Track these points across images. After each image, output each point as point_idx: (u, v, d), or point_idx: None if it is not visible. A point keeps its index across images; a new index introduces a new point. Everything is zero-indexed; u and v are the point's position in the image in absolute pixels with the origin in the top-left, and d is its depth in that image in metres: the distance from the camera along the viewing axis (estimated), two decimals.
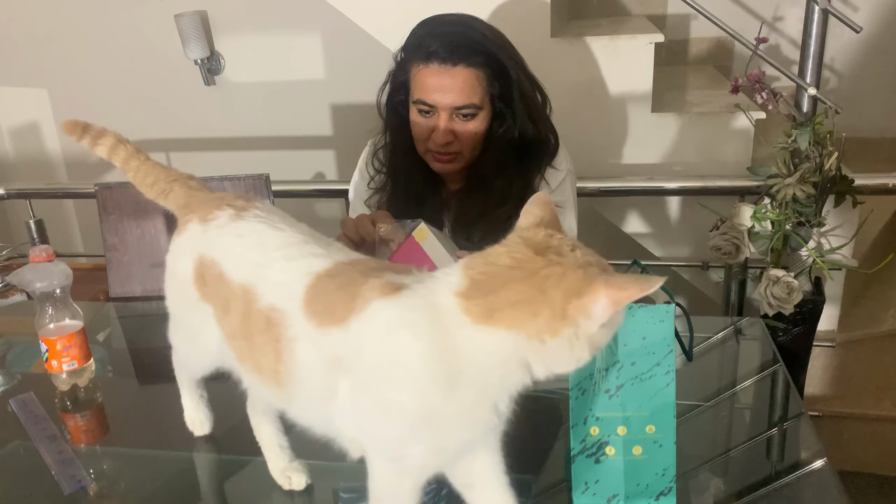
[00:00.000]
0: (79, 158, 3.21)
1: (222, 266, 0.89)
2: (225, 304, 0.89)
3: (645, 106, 1.95)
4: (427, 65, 1.29)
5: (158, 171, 1.09)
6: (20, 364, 1.47)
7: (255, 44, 2.90)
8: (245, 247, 0.89)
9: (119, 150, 1.11)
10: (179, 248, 0.99)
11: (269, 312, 0.82)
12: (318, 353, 0.79)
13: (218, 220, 0.93)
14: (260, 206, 0.95)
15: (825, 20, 1.82)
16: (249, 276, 0.86)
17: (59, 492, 1.03)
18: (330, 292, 0.80)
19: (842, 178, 1.74)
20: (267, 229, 0.90)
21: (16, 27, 3.05)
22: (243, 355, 0.89)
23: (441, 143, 1.31)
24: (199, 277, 0.94)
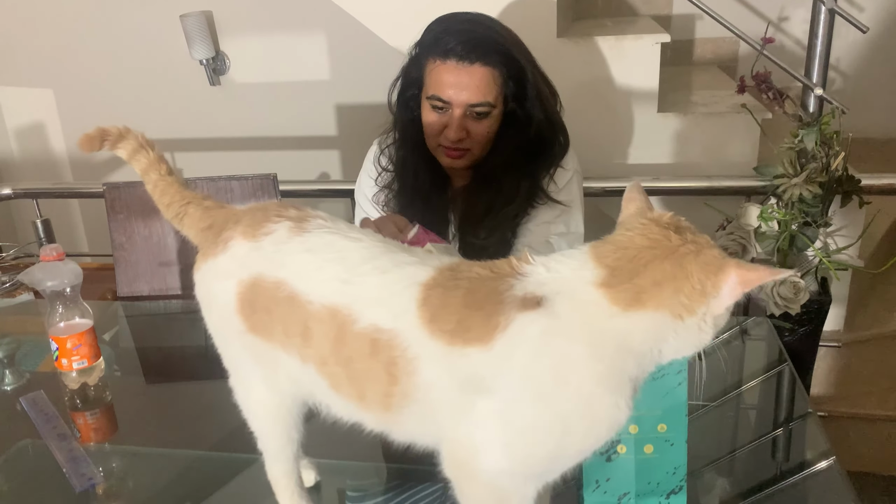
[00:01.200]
0: (84, 158, 3.22)
1: (295, 287, 0.79)
2: (304, 330, 0.79)
3: (651, 106, 1.95)
4: (444, 61, 1.29)
5: (175, 191, 0.99)
6: (28, 363, 1.47)
7: (260, 44, 2.91)
8: (322, 263, 0.79)
9: (140, 157, 1.02)
10: (215, 272, 0.87)
11: (373, 334, 0.74)
12: (448, 373, 0.73)
13: (275, 235, 0.83)
14: (319, 213, 0.86)
15: (832, 20, 1.82)
16: (337, 296, 0.77)
17: (70, 489, 1.04)
18: (456, 309, 0.72)
19: (848, 178, 1.74)
20: (342, 240, 0.81)
21: (21, 28, 3.06)
22: (338, 383, 0.80)
23: (454, 139, 1.31)
24: (245, 304, 0.83)
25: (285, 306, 0.80)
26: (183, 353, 1.56)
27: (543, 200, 1.39)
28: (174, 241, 1.68)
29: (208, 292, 0.89)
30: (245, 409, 0.95)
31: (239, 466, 1.13)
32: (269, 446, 0.96)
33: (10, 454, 1.17)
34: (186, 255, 1.68)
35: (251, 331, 0.84)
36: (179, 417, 1.29)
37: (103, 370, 1.29)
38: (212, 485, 1.10)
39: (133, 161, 1.04)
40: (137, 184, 1.68)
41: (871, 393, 2.06)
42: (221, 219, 0.90)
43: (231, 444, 1.16)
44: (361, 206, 1.50)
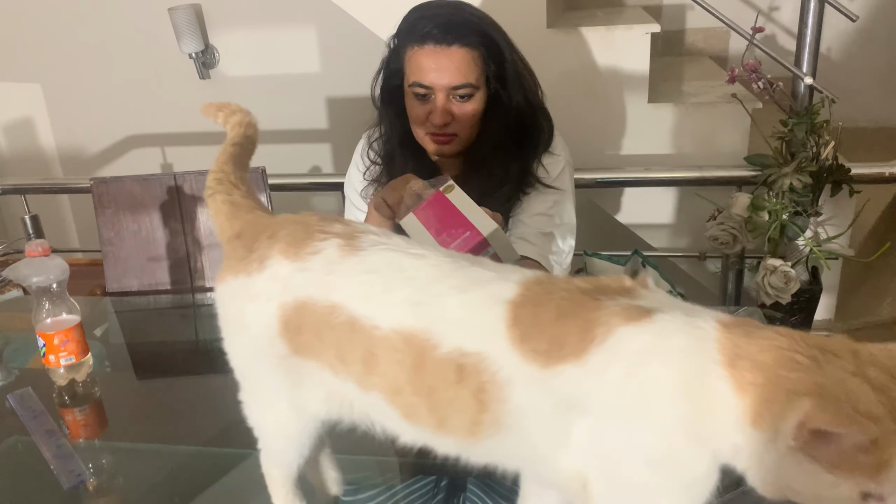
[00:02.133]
0: (73, 154, 3.20)
1: (355, 311, 0.72)
2: (367, 357, 0.72)
3: (641, 96, 1.95)
4: (422, 46, 1.29)
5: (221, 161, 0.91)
6: (17, 360, 1.47)
7: (250, 37, 2.89)
8: (388, 284, 0.72)
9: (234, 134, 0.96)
10: (249, 293, 0.79)
11: (458, 359, 0.67)
12: (543, 396, 0.66)
13: (324, 255, 0.75)
14: (368, 227, 0.79)
15: (821, 9, 1.82)
16: (411, 320, 0.70)
17: (59, 486, 1.03)
18: (548, 325, 0.66)
19: (838, 167, 1.74)
20: (405, 258, 0.74)
21: (9, 22, 3.04)
22: (414, 413, 0.72)
23: (439, 123, 1.31)
24: (289, 327, 0.76)
25: (342, 332, 0.72)
26: (174, 349, 1.55)
27: (535, 186, 1.38)
28: (163, 235, 1.67)
29: (239, 312, 0.81)
30: (258, 425, 0.90)
31: (230, 462, 1.12)
32: (275, 459, 0.91)
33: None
34: (175, 249, 1.67)
35: (295, 353, 0.77)
36: (171, 413, 1.28)
37: (91, 366, 1.28)
38: (203, 481, 1.10)
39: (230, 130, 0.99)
40: (125, 178, 1.69)
41: None
42: (251, 228, 0.82)
43: (222, 440, 1.16)
44: (351, 200, 1.50)
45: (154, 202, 1.65)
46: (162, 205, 1.65)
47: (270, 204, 1.68)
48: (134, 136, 3.13)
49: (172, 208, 1.66)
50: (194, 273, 1.67)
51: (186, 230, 1.66)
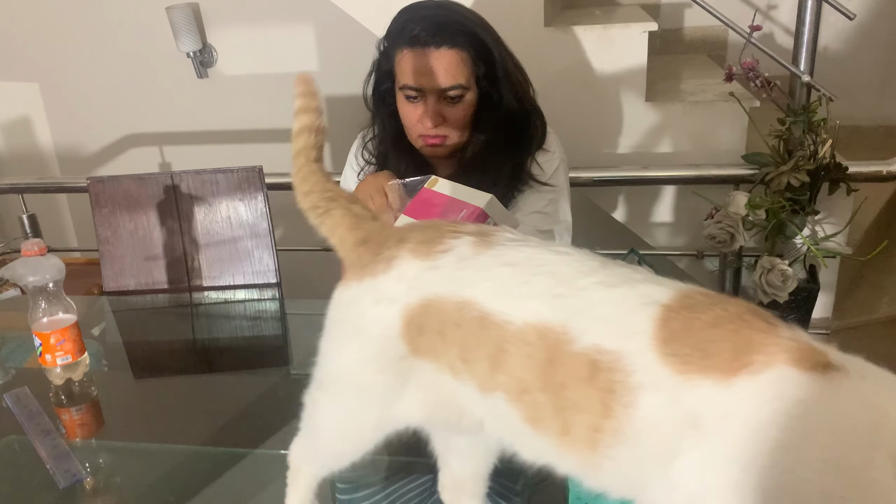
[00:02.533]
0: (71, 153, 3.19)
1: (487, 306, 0.69)
2: (496, 353, 0.69)
3: (639, 95, 1.95)
4: (411, 49, 1.29)
5: (316, 180, 0.89)
6: (14, 359, 1.47)
7: (248, 36, 2.89)
8: (528, 276, 0.69)
9: (300, 139, 0.93)
10: (374, 294, 0.77)
11: (594, 355, 0.63)
12: (671, 406, 0.61)
13: (457, 251, 0.73)
14: (503, 227, 0.79)
15: (819, 7, 1.82)
16: (550, 312, 0.67)
17: (55, 485, 1.03)
18: (700, 331, 0.61)
19: (836, 165, 1.74)
20: (546, 253, 0.71)
21: (6, 21, 3.03)
22: (538, 415, 0.68)
23: (430, 125, 1.31)
24: (412, 327, 0.74)
25: (470, 329, 0.70)
26: (171, 348, 1.55)
27: (530, 184, 1.39)
28: (160, 234, 1.67)
29: (359, 315, 0.78)
30: (325, 426, 0.87)
31: (228, 462, 1.12)
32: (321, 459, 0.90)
33: None
34: (172, 248, 1.67)
35: (414, 353, 0.75)
36: (168, 412, 1.28)
37: (88, 365, 1.28)
38: (200, 480, 1.10)
39: (294, 138, 0.95)
40: (122, 177, 1.69)
41: None
42: (378, 234, 0.81)
43: (219, 440, 1.16)
44: None
45: (151, 201, 1.65)
46: (159, 204, 1.65)
47: (268, 204, 1.67)
48: (132, 135, 3.13)
49: (169, 207, 1.65)
50: (191, 272, 1.67)
51: (184, 229, 1.66)
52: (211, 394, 1.33)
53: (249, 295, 1.66)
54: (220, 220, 1.65)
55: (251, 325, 1.64)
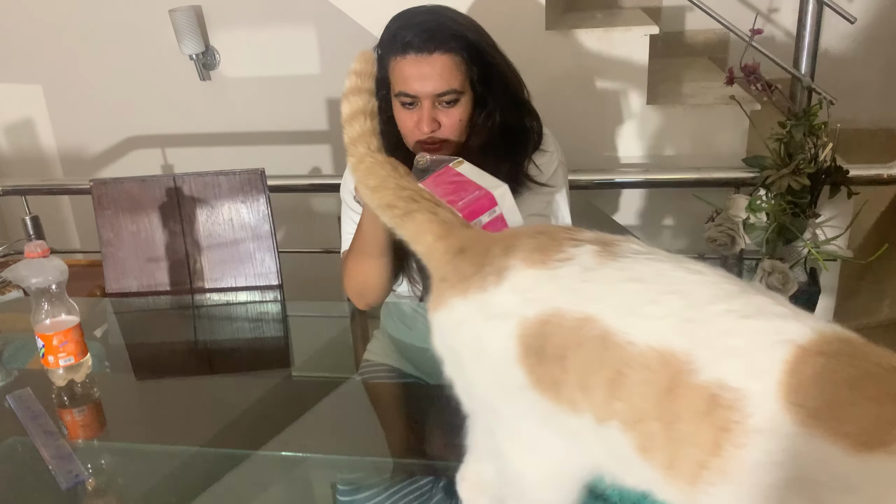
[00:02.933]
0: (74, 154, 3.20)
1: (610, 323, 0.63)
2: (615, 377, 0.63)
3: (640, 98, 1.95)
4: (404, 56, 1.29)
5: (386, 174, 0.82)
6: (17, 361, 1.47)
7: (250, 38, 2.90)
8: (656, 295, 0.63)
9: (354, 124, 0.86)
10: (484, 310, 0.69)
11: (715, 390, 0.58)
12: (784, 458, 0.56)
13: (578, 261, 0.66)
14: (628, 237, 0.71)
15: (820, 11, 1.82)
16: (675, 337, 0.61)
17: (57, 487, 1.04)
18: (835, 388, 0.56)
19: (836, 168, 1.74)
20: (677, 270, 0.65)
21: (10, 23, 3.04)
22: (650, 445, 0.63)
23: (427, 131, 1.32)
24: (530, 351, 0.66)
25: (591, 349, 0.63)
26: (173, 349, 1.56)
27: (528, 186, 1.39)
28: (162, 236, 1.67)
29: (475, 337, 0.70)
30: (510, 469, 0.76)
31: (229, 463, 1.13)
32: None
33: None
34: (174, 250, 1.67)
35: (535, 386, 0.67)
36: (170, 414, 1.29)
37: (90, 367, 1.29)
38: (201, 482, 1.10)
39: (346, 124, 0.87)
40: (125, 180, 1.70)
41: None
42: (477, 243, 0.73)
43: (221, 441, 1.17)
44: (347, 203, 1.50)
45: (153, 203, 1.66)
46: (161, 206, 1.66)
47: (270, 206, 1.68)
48: (134, 137, 3.14)
49: (172, 209, 1.66)
50: (193, 274, 1.67)
51: (186, 231, 1.66)
52: (212, 395, 1.33)
53: (251, 297, 1.67)
54: (223, 222, 1.65)
55: (253, 326, 1.64)
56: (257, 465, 1.09)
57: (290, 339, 1.60)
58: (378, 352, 1.49)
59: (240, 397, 1.29)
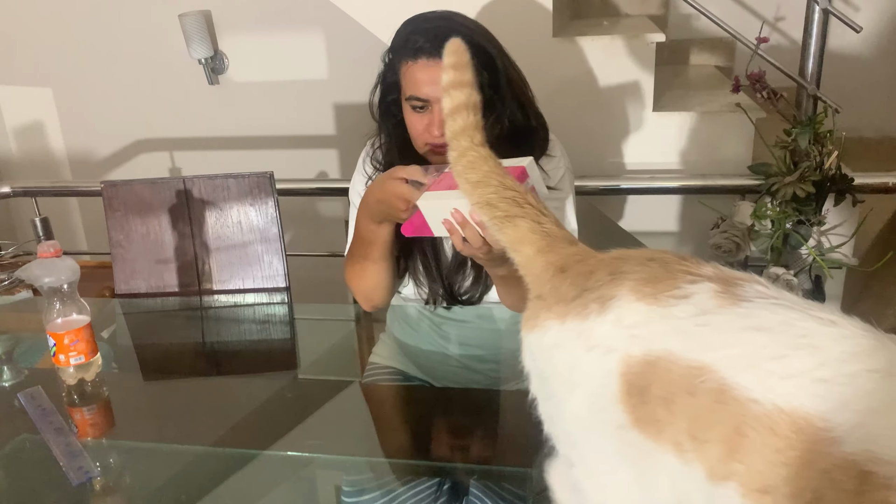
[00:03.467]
0: (83, 157, 3.23)
1: (729, 376, 0.57)
2: (733, 436, 0.56)
3: (646, 105, 1.96)
4: (416, 60, 1.31)
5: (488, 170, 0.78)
6: (26, 359, 1.49)
7: (259, 43, 2.92)
8: (783, 349, 0.57)
9: (457, 117, 0.83)
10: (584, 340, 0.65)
11: (866, 465, 0.50)
12: None
13: (695, 300, 0.61)
14: (751, 275, 0.64)
15: (826, 20, 1.83)
16: (808, 400, 0.54)
17: (67, 483, 1.05)
18: None
19: (842, 176, 1.75)
20: (807, 320, 0.58)
21: (21, 26, 3.07)
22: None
23: (437, 134, 1.33)
24: (633, 390, 0.61)
25: (704, 401, 0.57)
26: (180, 350, 1.57)
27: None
28: (171, 238, 1.69)
29: (570, 366, 0.66)
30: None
31: (236, 463, 1.14)
32: None
33: (8, 449, 1.18)
34: (183, 252, 1.69)
35: (635, 425, 0.62)
36: (177, 413, 1.30)
37: (100, 366, 1.30)
38: (209, 481, 1.12)
39: (448, 118, 0.84)
40: (135, 182, 1.71)
41: None
42: (580, 263, 0.69)
43: (228, 441, 1.18)
44: (355, 205, 1.52)
45: (163, 205, 1.68)
46: (171, 208, 1.68)
47: (278, 209, 1.69)
48: (143, 140, 3.16)
49: (181, 212, 1.68)
50: (202, 276, 1.69)
51: (195, 233, 1.68)
52: (219, 396, 1.34)
53: (259, 299, 1.68)
54: (231, 224, 1.67)
55: (260, 328, 1.65)
56: (263, 465, 1.10)
57: (297, 340, 1.61)
58: (384, 354, 1.50)
59: (247, 398, 1.30)
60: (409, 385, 1.40)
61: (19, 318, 1.84)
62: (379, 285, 1.41)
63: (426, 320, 1.48)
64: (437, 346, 1.45)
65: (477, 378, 1.42)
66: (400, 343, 1.51)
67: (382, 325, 1.55)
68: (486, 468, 1.10)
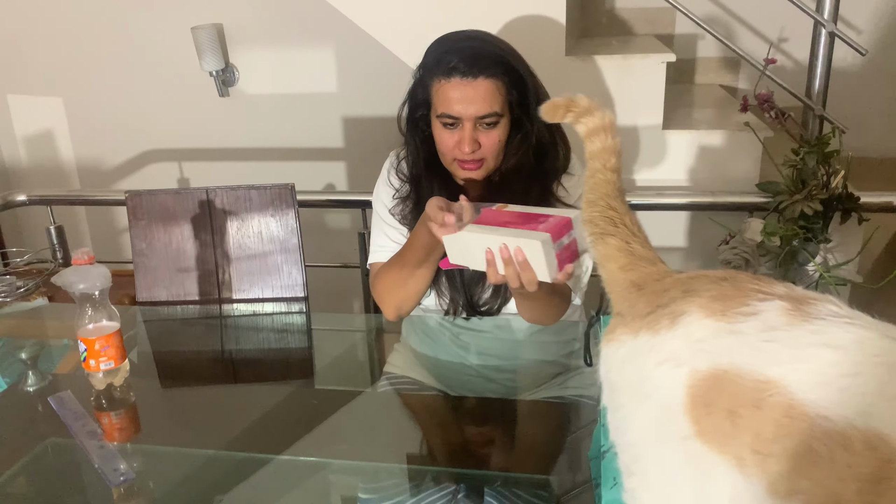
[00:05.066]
0: (92, 166, 3.25)
1: (799, 393, 0.57)
2: (803, 453, 0.56)
3: (657, 123, 2.00)
4: (449, 79, 1.34)
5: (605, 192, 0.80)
6: (44, 365, 1.51)
7: (269, 57, 2.96)
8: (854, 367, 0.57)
9: (595, 139, 0.85)
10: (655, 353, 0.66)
11: None
12: None
13: (763, 317, 0.62)
14: (825, 296, 0.65)
15: (832, 43, 1.88)
16: (882, 419, 0.54)
17: (96, 486, 1.07)
18: None
19: (848, 195, 1.79)
20: (882, 340, 0.58)
21: (33, 36, 3.10)
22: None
23: (468, 151, 1.36)
24: (698, 402, 0.62)
25: (771, 415, 0.58)
26: (199, 357, 1.59)
27: (556, 206, 1.44)
28: (193, 247, 1.72)
29: (640, 378, 0.67)
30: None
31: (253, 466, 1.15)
32: None
33: (38, 452, 1.20)
34: (205, 261, 1.72)
35: (698, 436, 0.63)
36: (195, 419, 1.32)
37: (128, 371, 1.32)
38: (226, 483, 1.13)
39: (587, 140, 0.87)
40: (159, 192, 1.74)
41: None
42: (655, 281, 0.72)
43: (246, 445, 1.20)
44: (379, 215, 1.55)
45: (186, 215, 1.70)
46: (193, 217, 1.70)
47: (299, 221, 1.72)
48: (152, 150, 3.19)
49: (204, 221, 1.71)
50: (222, 285, 1.71)
51: (216, 242, 1.71)
52: (237, 402, 1.37)
53: (277, 308, 1.71)
54: (252, 234, 1.70)
55: (278, 337, 1.68)
56: (279, 469, 1.12)
57: (314, 349, 1.64)
58: (399, 364, 1.52)
59: (263, 404, 1.33)
60: (425, 394, 1.42)
61: (37, 324, 1.86)
62: (417, 293, 1.44)
63: (446, 330, 1.50)
64: (456, 356, 1.48)
65: (494, 388, 1.45)
66: (416, 353, 1.53)
67: (396, 336, 1.57)
68: (501, 474, 1.12)
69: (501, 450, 1.22)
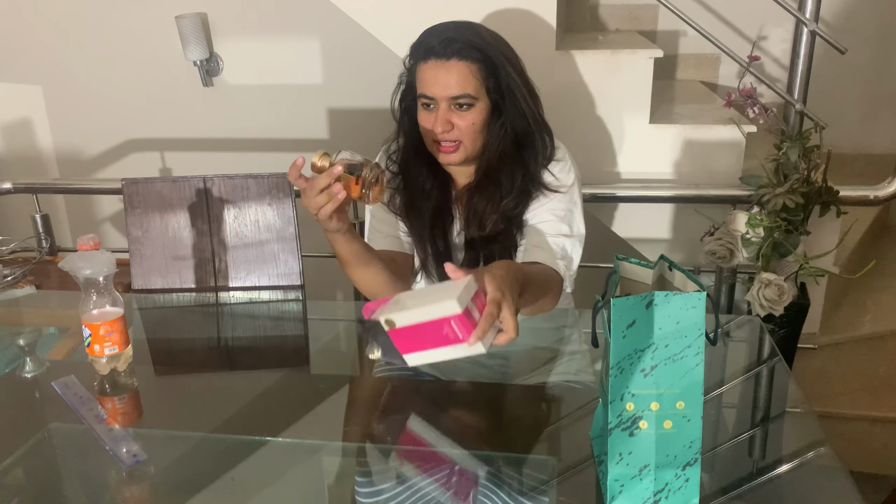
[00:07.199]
0: (71, 155, 3.22)
1: None
2: None
3: (643, 117, 2.05)
4: (426, 61, 1.39)
5: None
6: (38, 351, 1.51)
7: (254, 47, 2.96)
8: None
9: None
10: None
11: None
12: None
13: None
14: None
15: (813, 41, 1.94)
16: None
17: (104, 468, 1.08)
18: None
19: (827, 189, 1.85)
20: None
21: (12, 23, 3.06)
22: None
23: (440, 130, 1.40)
24: None
25: None
26: (195, 345, 1.60)
27: (544, 193, 1.47)
28: (189, 235, 1.72)
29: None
30: None
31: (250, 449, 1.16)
32: None
33: (40, 437, 1.21)
34: (201, 249, 1.72)
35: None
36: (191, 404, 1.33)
37: (131, 357, 1.33)
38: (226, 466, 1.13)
39: None
40: (156, 180, 1.75)
41: (843, 393, 2.18)
42: None
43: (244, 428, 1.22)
44: (369, 210, 1.57)
45: (182, 203, 1.71)
46: (190, 206, 1.71)
47: (296, 210, 1.73)
48: (134, 139, 3.17)
49: (200, 210, 1.71)
50: (218, 273, 1.72)
51: (213, 231, 1.71)
52: (235, 388, 1.38)
53: (274, 296, 1.72)
54: (249, 223, 1.71)
55: (274, 324, 1.69)
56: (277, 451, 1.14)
57: (310, 337, 1.66)
58: None
59: (259, 390, 1.35)
60: (419, 379, 1.45)
61: (22, 312, 1.86)
62: (376, 288, 1.42)
63: None
64: None
65: (487, 374, 1.48)
66: None
67: None
68: (497, 454, 1.15)
69: (496, 432, 1.25)
